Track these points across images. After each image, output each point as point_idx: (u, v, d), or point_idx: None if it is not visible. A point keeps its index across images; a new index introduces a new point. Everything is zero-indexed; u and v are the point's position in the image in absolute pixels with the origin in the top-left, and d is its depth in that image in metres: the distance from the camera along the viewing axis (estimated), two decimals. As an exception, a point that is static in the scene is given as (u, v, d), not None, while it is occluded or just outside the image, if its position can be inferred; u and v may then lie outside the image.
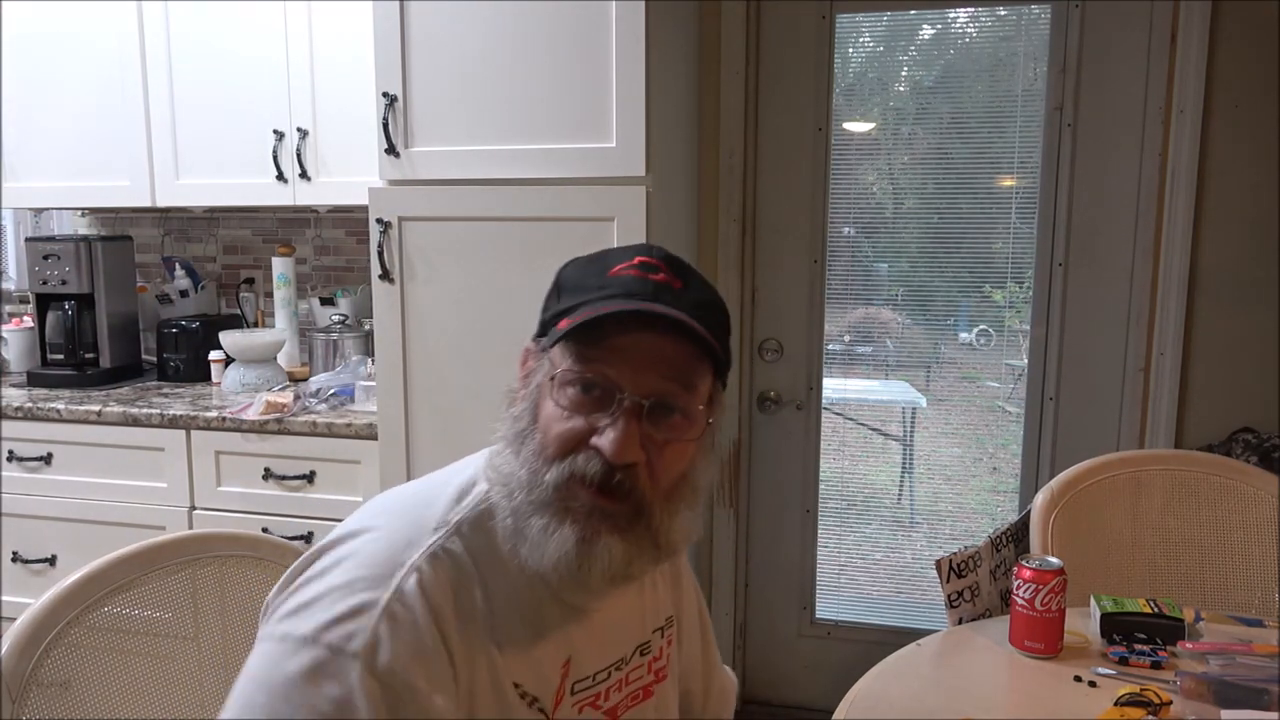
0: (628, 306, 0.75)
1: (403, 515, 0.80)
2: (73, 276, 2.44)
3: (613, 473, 0.75)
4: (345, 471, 2.07)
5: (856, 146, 2.39)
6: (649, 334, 0.76)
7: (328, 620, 0.72)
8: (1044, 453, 2.36)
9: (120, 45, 2.34)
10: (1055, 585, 1.23)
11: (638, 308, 0.75)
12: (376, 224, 1.87)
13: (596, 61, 1.75)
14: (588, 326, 0.75)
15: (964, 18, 2.31)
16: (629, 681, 0.90)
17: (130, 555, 1.03)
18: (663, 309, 0.76)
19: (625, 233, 1.76)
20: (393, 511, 0.82)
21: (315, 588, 0.75)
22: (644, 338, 0.76)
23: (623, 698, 0.89)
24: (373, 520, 0.80)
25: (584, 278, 0.81)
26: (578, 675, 0.84)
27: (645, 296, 0.77)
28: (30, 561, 2.27)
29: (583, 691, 0.84)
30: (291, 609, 0.74)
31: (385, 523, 0.80)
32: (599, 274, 0.81)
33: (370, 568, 0.75)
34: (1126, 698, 1.11)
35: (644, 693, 0.92)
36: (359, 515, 0.82)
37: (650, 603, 0.95)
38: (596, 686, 0.86)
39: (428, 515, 0.80)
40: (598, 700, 0.86)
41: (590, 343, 0.76)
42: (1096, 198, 2.23)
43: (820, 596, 2.55)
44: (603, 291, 0.78)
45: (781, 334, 2.45)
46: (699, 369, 0.78)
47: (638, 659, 0.91)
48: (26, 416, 2.23)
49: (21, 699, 0.90)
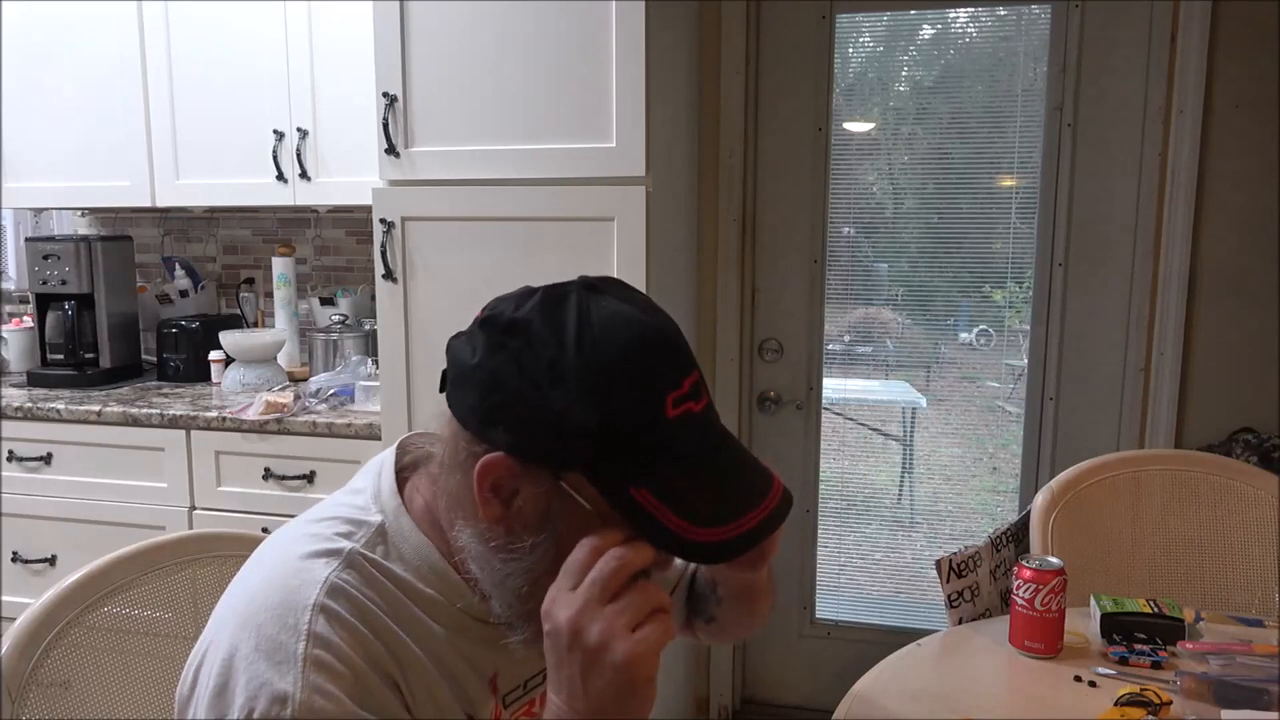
0: (757, 521, 0.68)
1: (281, 567, 0.73)
2: (73, 276, 2.44)
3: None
4: (345, 471, 2.06)
5: (856, 146, 2.39)
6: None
7: (250, 696, 0.65)
8: (1044, 453, 2.36)
9: (120, 45, 2.34)
10: (1055, 585, 1.23)
11: (765, 517, 0.69)
12: (380, 224, 1.87)
13: (596, 61, 1.75)
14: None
15: (964, 18, 2.31)
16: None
17: (130, 555, 1.03)
18: (779, 504, 0.70)
19: (625, 233, 1.76)
20: (267, 568, 0.74)
21: (222, 674, 0.68)
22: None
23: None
24: (247, 593, 0.72)
25: (638, 416, 0.66)
26: (508, 686, 0.81)
27: (714, 447, 0.70)
28: (30, 561, 2.27)
29: (516, 702, 0.82)
30: (209, 702, 0.67)
31: (263, 585, 0.72)
32: (656, 411, 0.67)
33: (271, 628, 0.68)
34: (1126, 698, 1.11)
35: None
36: (228, 597, 0.74)
37: None
38: (530, 693, 0.83)
39: (313, 556, 0.72)
40: (534, 707, 0.84)
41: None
42: (1096, 198, 2.23)
43: (820, 596, 2.55)
44: (682, 451, 0.68)
45: (781, 334, 2.45)
46: None
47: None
48: (26, 416, 2.23)
49: (21, 699, 0.90)
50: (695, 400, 0.68)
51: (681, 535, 0.65)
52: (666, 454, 0.67)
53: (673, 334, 0.71)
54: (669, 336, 0.70)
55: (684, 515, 0.66)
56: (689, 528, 0.65)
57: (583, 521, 0.67)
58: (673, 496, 0.66)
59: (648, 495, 0.66)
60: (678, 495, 0.66)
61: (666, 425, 0.66)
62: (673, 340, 0.70)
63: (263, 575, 0.73)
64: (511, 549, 0.69)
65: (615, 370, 0.66)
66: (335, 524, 0.75)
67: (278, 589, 0.70)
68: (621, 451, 0.66)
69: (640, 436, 0.66)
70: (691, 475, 0.67)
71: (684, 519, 0.66)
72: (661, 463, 0.66)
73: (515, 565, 0.70)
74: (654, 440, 0.66)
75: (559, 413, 0.66)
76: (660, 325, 0.71)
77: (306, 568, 0.71)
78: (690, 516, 0.66)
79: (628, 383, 0.66)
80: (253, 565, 0.77)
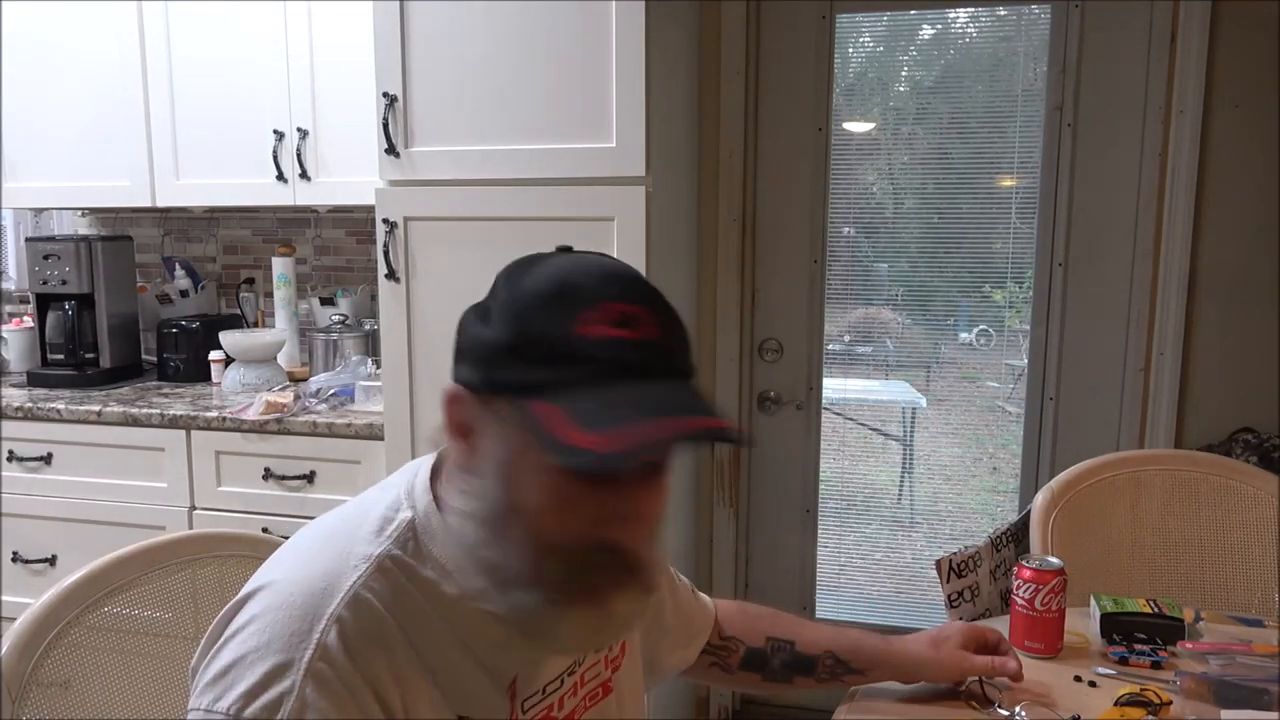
0: (659, 434, 0.65)
1: (320, 557, 0.75)
2: (73, 276, 2.44)
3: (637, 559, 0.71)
4: (345, 471, 2.07)
5: (856, 146, 2.39)
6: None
7: (248, 689, 0.67)
8: (1044, 453, 2.36)
9: (120, 45, 2.34)
10: (1055, 585, 1.23)
11: (673, 432, 0.66)
12: (383, 224, 1.87)
13: (596, 61, 1.75)
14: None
15: (964, 18, 2.31)
16: (584, 682, 0.87)
17: (130, 555, 1.03)
18: (703, 425, 0.66)
19: (625, 233, 1.76)
20: (310, 552, 0.76)
21: (233, 649, 0.70)
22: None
23: (579, 700, 0.86)
24: (290, 567, 0.75)
25: (548, 328, 0.68)
26: (526, 692, 0.80)
27: (642, 369, 0.68)
28: (30, 561, 2.27)
29: (534, 707, 0.81)
30: (212, 678, 0.70)
31: (303, 568, 0.74)
32: (566, 328, 0.68)
33: (289, 623, 0.70)
34: (1126, 698, 1.11)
35: (603, 689, 0.90)
36: (277, 559, 0.77)
37: None
38: (549, 698, 0.82)
39: (346, 555, 0.74)
40: (552, 711, 0.83)
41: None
42: (1096, 198, 2.23)
43: (820, 596, 2.55)
44: (586, 369, 0.67)
45: (781, 334, 2.45)
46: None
47: (593, 655, 0.88)
48: (26, 416, 2.23)
49: (21, 699, 0.90)
50: (624, 327, 0.68)
51: (564, 440, 0.64)
52: (571, 369, 0.67)
53: (616, 268, 0.72)
54: (608, 267, 0.72)
55: (574, 421, 0.65)
56: (574, 434, 0.64)
57: (519, 453, 0.69)
58: (571, 405, 0.66)
59: (547, 405, 0.66)
60: (576, 405, 0.66)
61: (576, 342, 0.67)
62: (613, 272, 0.71)
63: (307, 560, 0.75)
64: (472, 493, 0.72)
65: (536, 292, 0.70)
66: (370, 521, 0.77)
67: (305, 588, 0.72)
68: (528, 366, 0.68)
69: (547, 351, 0.68)
70: (598, 392, 0.67)
71: (573, 425, 0.64)
72: (567, 377, 0.67)
73: (475, 511, 0.72)
74: (561, 355, 0.67)
75: (488, 337, 0.71)
76: (604, 263, 0.73)
77: (335, 571, 0.73)
78: (581, 422, 0.64)
79: (542, 302, 0.69)
80: (311, 535, 0.79)
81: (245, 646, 0.69)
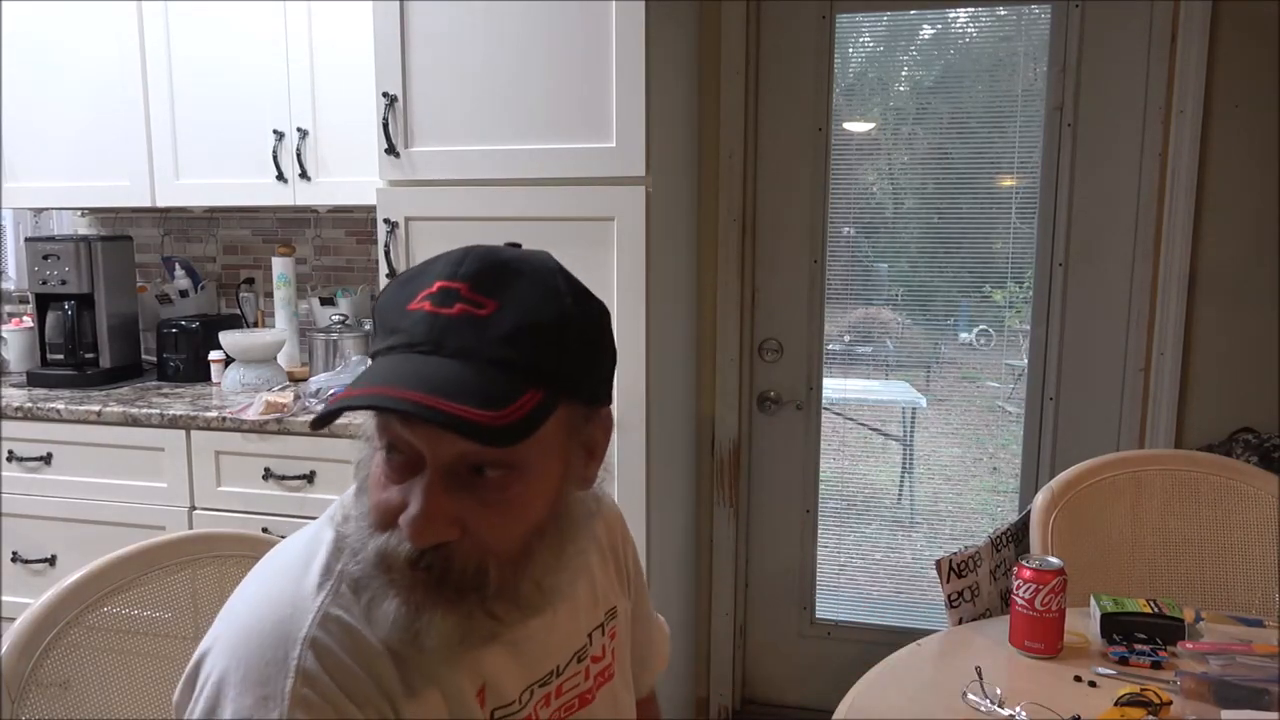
0: (369, 397, 0.65)
1: (275, 588, 0.73)
2: (73, 276, 2.44)
3: (421, 554, 0.68)
4: (345, 471, 2.07)
5: (856, 146, 2.39)
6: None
7: None
8: (1044, 453, 2.36)
9: (120, 45, 2.34)
10: (1055, 585, 1.23)
11: (376, 399, 0.65)
12: (384, 224, 1.87)
13: (596, 61, 1.75)
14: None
15: (964, 18, 2.31)
16: (561, 693, 0.86)
17: (130, 555, 1.03)
18: (396, 395, 0.64)
19: (625, 233, 1.76)
20: (264, 587, 0.75)
21: (210, 694, 0.68)
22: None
23: (554, 711, 0.85)
24: (247, 603, 0.73)
25: (391, 304, 0.71)
26: (497, 702, 0.79)
27: (427, 346, 0.67)
28: (30, 561, 2.27)
29: (506, 719, 0.80)
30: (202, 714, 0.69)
31: (262, 602, 0.72)
32: (401, 304, 0.70)
33: (261, 653, 0.68)
34: (1126, 698, 1.11)
35: (580, 701, 0.88)
36: (226, 609, 0.75)
37: (586, 604, 0.89)
38: (523, 709, 0.81)
39: (304, 581, 0.72)
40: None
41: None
42: (1096, 198, 2.23)
43: (820, 596, 2.55)
44: (394, 338, 0.69)
45: (781, 334, 2.45)
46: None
47: (574, 666, 0.87)
48: (26, 416, 2.23)
49: (21, 699, 0.90)
50: (439, 304, 0.69)
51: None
52: (387, 341, 0.70)
53: (478, 251, 0.72)
54: (474, 251, 0.72)
55: (347, 388, 0.69)
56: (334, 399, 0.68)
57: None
58: (361, 375, 0.70)
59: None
60: (361, 375, 0.70)
61: (402, 315, 0.70)
62: (469, 254, 0.71)
63: (264, 592, 0.74)
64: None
65: (403, 272, 0.74)
66: (333, 538, 0.75)
67: (271, 616, 0.71)
68: (377, 339, 0.72)
69: (381, 325, 0.72)
70: (380, 363, 0.69)
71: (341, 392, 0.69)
72: (379, 349, 0.71)
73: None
74: (386, 327, 0.71)
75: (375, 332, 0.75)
76: (484, 248, 0.72)
77: (302, 593, 0.72)
78: (346, 389, 0.68)
79: (399, 281, 0.73)
80: (258, 575, 0.77)
81: (224, 694, 0.68)
